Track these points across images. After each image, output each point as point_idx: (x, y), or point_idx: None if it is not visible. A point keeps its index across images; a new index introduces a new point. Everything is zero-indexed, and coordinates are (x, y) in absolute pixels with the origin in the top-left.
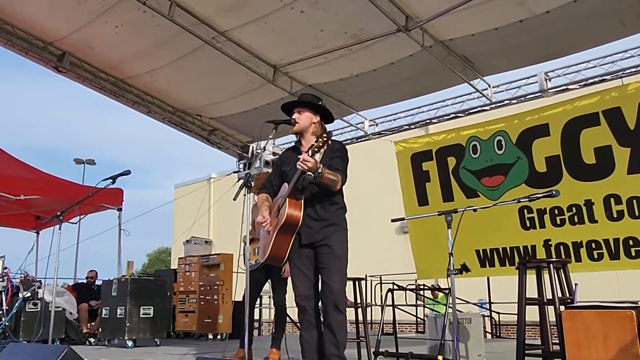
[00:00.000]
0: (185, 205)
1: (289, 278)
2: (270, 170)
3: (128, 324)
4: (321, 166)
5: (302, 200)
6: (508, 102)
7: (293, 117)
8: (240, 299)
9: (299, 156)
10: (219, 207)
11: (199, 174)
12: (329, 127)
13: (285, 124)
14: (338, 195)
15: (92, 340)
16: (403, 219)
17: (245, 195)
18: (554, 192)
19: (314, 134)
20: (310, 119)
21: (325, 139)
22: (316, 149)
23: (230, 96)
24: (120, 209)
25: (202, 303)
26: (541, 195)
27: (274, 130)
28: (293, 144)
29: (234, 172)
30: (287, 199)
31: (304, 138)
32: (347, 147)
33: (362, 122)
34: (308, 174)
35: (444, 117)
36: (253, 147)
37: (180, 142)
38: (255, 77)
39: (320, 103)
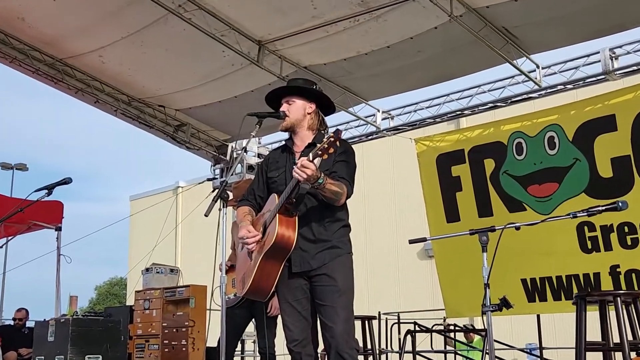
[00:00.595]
0: (145, 223)
1: (279, 317)
2: (253, 177)
3: None
4: (322, 175)
5: (296, 217)
6: (562, 87)
7: (282, 108)
8: (215, 345)
9: (296, 161)
10: (189, 226)
11: (162, 182)
12: (330, 120)
13: (272, 117)
14: (341, 211)
15: None
16: (426, 239)
17: (221, 209)
18: (620, 204)
19: (310, 129)
20: (304, 108)
21: (332, 139)
22: (320, 152)
23: (202, 81)
24: (59, 228)
25: (166, 350)
26: (605, 207)
27: (258, 126)
28: (283, 142)
29: (208, 179)
30: (277, 214)
31: (296, 135)
32: (354, 146)
33: (374, 115)
34: (305, 184)
35: (480, 108)
36: (232, 147)
37: (139, 141)
38: (234, 57)
39: (315, 87)
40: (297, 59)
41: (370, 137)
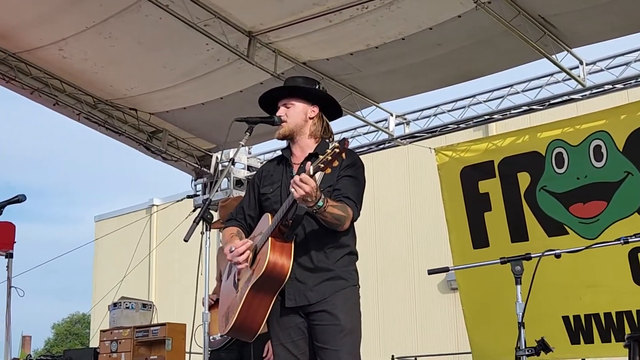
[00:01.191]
0: (113, 249)
1: None
2: (242, 194)
3: None
4: (323, 197)
5: (293, 242)
6: (610, 87)
7: (278, 113)
8: None
9: (294, 175)
10: (165, 252)
11: (134, 199)
12: (335, 125)
13: (266, 123)
14: (347, 235)
15: None
16: (449, 269)
17: (203, 233)
18: None
19: (312, 136)
20: (305, 112)
21: (337, 150)
22: (321, 166)
23: (181, 80)
24: (10, 255)
25: None
26: None
27: (248, 133)
28: (280, 152)
29: (188, 196)
30: (270, 238)
31: (296, 144)
32: (362, 157)
33: (386, 120)
34: (303, 205)
35: (512, 112)
36: (217, 158)
37: (106, 151)
38: (220, 51)
39: (318, 87)
40: (294, 54)
41: (381, 146)
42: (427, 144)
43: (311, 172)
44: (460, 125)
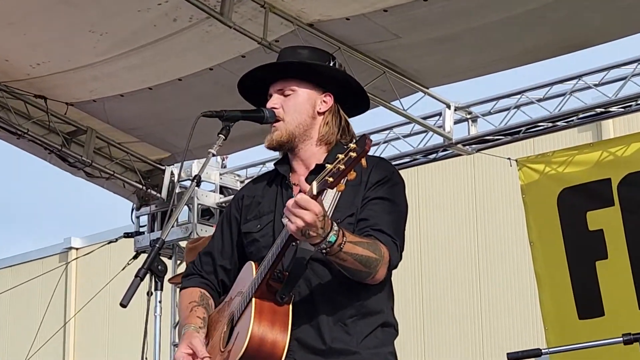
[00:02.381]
0: (9, 315)
1: None
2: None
3: None
4: (336, 229)
5: (291, 307)
6: None
7: (269, 104)
8: None
9: (292, 197)
10: (90, 319)
11: (41, 238)
12: (357, 124)
13: (251, 119)
14: (379, 293)
15: None
16: (539, 352)
17: (151, 293)
18: None
19: (322, 142)
20: (312, 104)
21: (354, 155)
22: (331, 180)
23: (115, 51)
24: None
25: None
26: None
27: (222, 137)
28: (272, 166)
29: (126, 234)
30: (254, 300)
31: (297, 153)
32: (403, 173)
33: (439, 115)
34: (307, 244)
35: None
36: (171, 174)
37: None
38: (177, 4)
39: (332, 64)
40: (295, 10)
41: (432, 156)
42: (505, 152)
43: (314, 191)
44: (558, 124)
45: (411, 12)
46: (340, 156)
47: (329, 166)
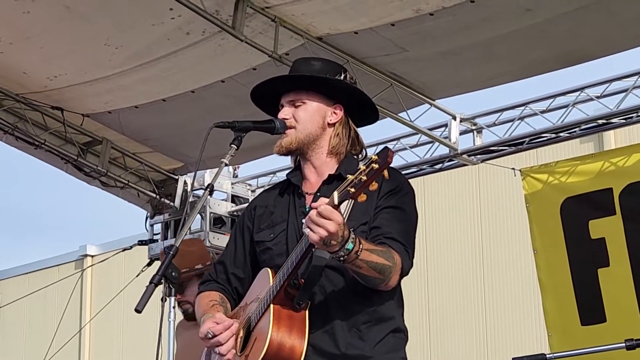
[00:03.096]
0: (24, 322)
1: None
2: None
3: None
4: (352, 236)
5: (307, 312)
6: None
7: (281, 114)
8: None
9: (308, 210)
10: (104, 325)
11: (56, 246)
12: (366, 134)
13: (262, 130)
14: (390, 300)
15: None
16: (544, 357)
17: (165, 299)
18: None
19: (332, 153)
20: (322, 115)
21: (376, 166)
22: (352, 190)
23: (131, 63)
24: None
25: None
26: None
27: (235, 147)
28: (282, 176)
29: (140, 242)
30: (272, 306)
31: (308, 162)
32: (411, 181)
33: (445, 126)
34: (322, 253)
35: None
36: (185, 183)
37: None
38: (191, 19)
39: (342, 77)
40: (305, 24)
41: (438, 166)
42: (509, 162)
43: (336, 201)
44: (561, 135)
45: (418, 26)
46: (362, 167)
47: (350, 177)
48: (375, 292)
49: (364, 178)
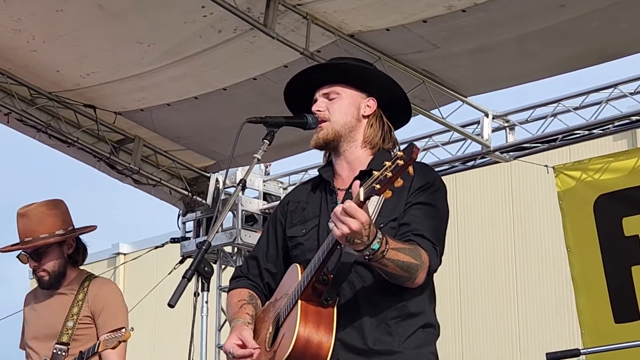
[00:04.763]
0: None
1: None
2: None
3: None
4: (379, 236)
5: (336, 309)
6: None
7: (314, 107)
8: None
9: (337, 201)
10: (138, 321)
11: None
12: (398, 131)
13: (295, 125)
14: (420, 295)
15: None
16: (578, 352)
17: (198, 294)
18: None
19: (366, 145)
20: (357, 107)
21: (402, 163)
22: (377, 186)
23: (163, 61)
24: None
25: None
26: None
27: (267, 142)
28: (316, 172)
29: (172, 240)
30: (300, 302)
31: (341, 157)
32: (442, 179)
33: (477, 123)
34: (350, 249)
35: None
36: (216, 181)
37: (48, 170)
38: (223, 17)
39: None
40: (336, 21)
41: (470, 163)
42: (542, 159)
43: (361, 198)
44: (594, 132)
45: (450, 23)
46: (388, 163)
47: (375, 173)
48: (405, 287)
49: (389, 174)
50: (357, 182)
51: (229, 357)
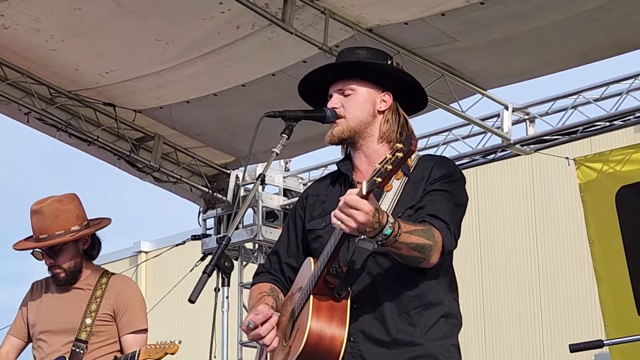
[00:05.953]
0: None
1: None
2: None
3: None
4: (391, 221)
5: (349, 302)
6: None
7: (330, 103)
8: None
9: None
10: (160, 317)
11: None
12: (417, 125)
13: (313, 119)
14: (440, 285)
15: None
16: (601, 343)
17: (219, 289)
18: None
19: (383, 139)
20: (372, 102)
21: (400, 155)
22: (378, 180)
23: (182, 58)
24: None
25: None
26: None
27: (285, 137)
28: (335, 167)
29: (193, 237)
30: (311, 297)
31: (359, 151)
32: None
33: (497, 116)
34: (361, 240)
35: None
36: (236, 177)
37: (69, 168)
38: (241, 13)
39: (390, 62)
40: (355, 16)
41: (490, 156)
42: (563, 152)
43: (364, 191)
44: (615, 123)
45: (468, 16)
46: (388, 156)
47: (377, 166)
48: (425, 276)
49: (390, 167)
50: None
51: (248, 332)
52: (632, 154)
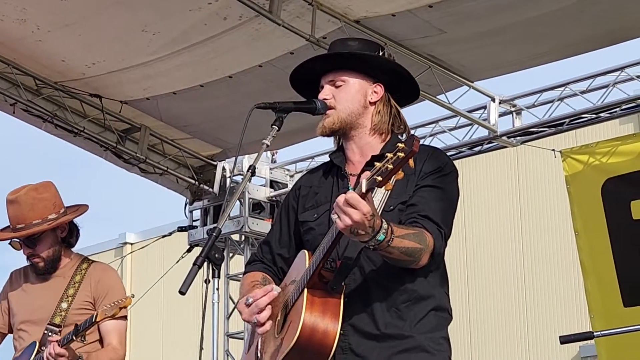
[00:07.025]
0: None
1: None
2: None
3: None
4: (385, 227)
5: (342, 295)
6: None
7: (321, 95)
8: None
9: (348, 187)
10: (145, 311)
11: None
12: (405, 115)
13: (303, 110)
14: (431, 279)
15: None
16: (592, 335)
17: (209, 281)
18: None
19: (375, 131)
20: (363, 94)
21: (402, 155)
22: (379, 178)
23: (168, 49)
24: None
25: None
26: None
27: (275, 128)
28: (321, 161)
29: (180, 228)
30: (306, 290)
31: (351, 142)
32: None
33: (484, 108)
34: (357, 239)
35: None
36: (223, 169)
37: (54, 160)
38: (228, 4)
39: (381, 54)
40: (342, 7)
41: (477, 148)
42: (549, 144)
43: (363, 189)
44: (601, 115)
45: (456, 8)
46: (389, 155)
47: (377, 165)
48: (415, 271)
49: (390, 167)
50: (366, 173)
51: (246, 308)
52: (618, 146)
